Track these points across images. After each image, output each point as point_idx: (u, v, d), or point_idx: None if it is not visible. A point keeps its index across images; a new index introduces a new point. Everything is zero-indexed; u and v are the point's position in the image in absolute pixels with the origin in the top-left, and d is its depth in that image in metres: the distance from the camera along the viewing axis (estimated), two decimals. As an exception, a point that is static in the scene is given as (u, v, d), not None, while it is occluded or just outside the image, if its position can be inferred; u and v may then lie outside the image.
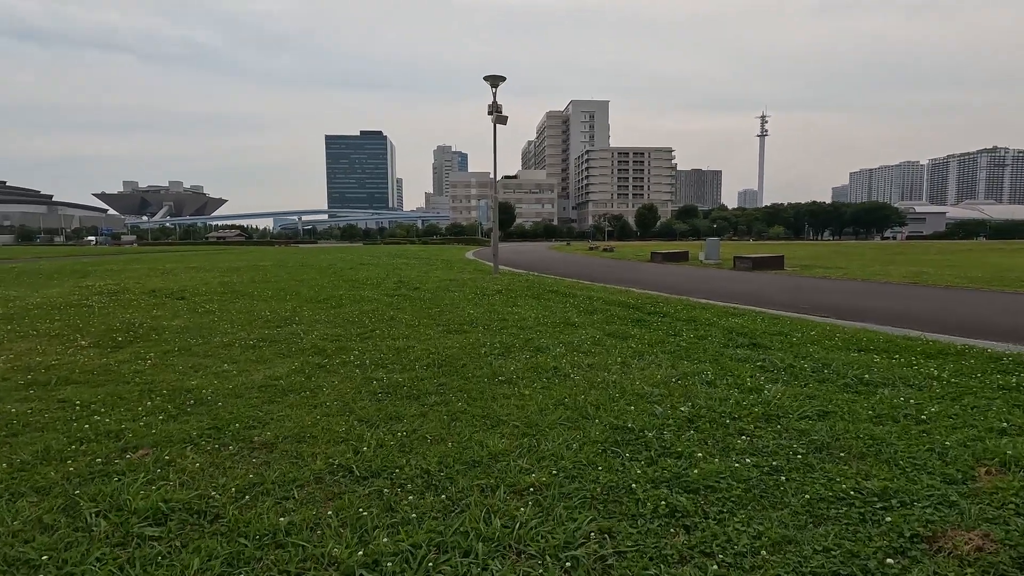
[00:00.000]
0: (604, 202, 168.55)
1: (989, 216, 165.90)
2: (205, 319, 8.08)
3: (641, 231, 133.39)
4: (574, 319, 8.36)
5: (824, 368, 5.41)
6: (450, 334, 7.04)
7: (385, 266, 22.73)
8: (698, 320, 8.51)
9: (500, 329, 7.40)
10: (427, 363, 5.49)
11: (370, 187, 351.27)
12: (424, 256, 34.65)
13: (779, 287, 15.58)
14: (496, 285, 14.17)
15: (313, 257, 33.14)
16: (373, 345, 6.35)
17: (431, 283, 14.28)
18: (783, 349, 6.30)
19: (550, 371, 5.20)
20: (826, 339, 6.99)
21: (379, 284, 13.72)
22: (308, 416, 3.96)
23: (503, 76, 19.07)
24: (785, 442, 3.46)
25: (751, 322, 8.37)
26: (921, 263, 25.38)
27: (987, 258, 29.83)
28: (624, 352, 6.09)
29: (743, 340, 6.81)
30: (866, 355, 6.12)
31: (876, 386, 4.85)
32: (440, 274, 18.41)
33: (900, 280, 16.93)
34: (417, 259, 30.44)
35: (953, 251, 41.28)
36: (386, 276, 16.84)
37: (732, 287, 15.90)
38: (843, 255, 35.25)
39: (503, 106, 19.66)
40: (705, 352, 6.11)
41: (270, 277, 16.21)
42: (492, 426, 3.79)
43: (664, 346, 6.45)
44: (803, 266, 23.35)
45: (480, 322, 7.93)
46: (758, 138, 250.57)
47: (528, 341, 6.59)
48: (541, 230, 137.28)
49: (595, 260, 32.00)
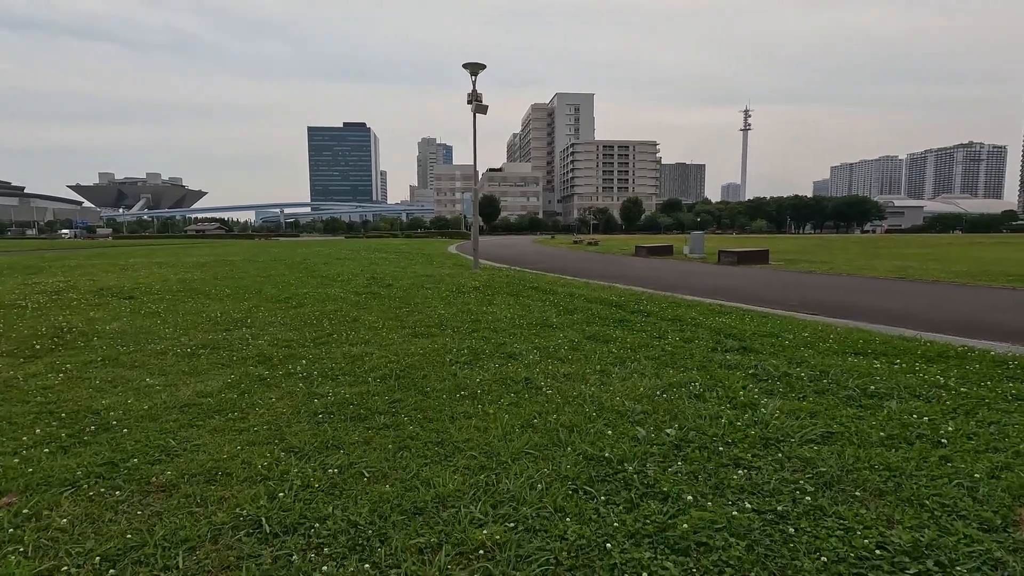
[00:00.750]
0: (589, 195, 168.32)
1: (965, 210, 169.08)
2: (147, 322, 7.35)
3: (626, 224, 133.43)
4: (552, 319, 7.80)
5: (822, 377, 4.92)
6: (415, 338, 6.43)
7: (361, 261, 21.97)
8: (684, 320, 8.01)
9: (471, 332, 6.81)
10: (383, 374, 4.88)
11: (354, 179, 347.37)
12: (405, 250, 33.87)
13: (765, 282, 15.20)
14: (474, 281, 13.57)
15: (289, 251, 32.16)
16: (327, 352, 5.71)
17: (406, 279, 13.63)
18: (776, 353, 5.81)
19: (521, 383, 4.63)
20: (820, 341, 6.52)
21: (350, 281, 13.02)
22: (229, 445, 3.34)
23: (483, 64, 18.37)
24: (789, 475, 2.93)
25: (739, 322, 7.90)
26: (905, 257, 25.30)
27: (968, 252, 29.94)
28: (604, 358, 5.54)
29: (732, 343, 6.31)
30: (865, 360, 5.66)
31: (881, 398, 4.36)
32: (418, 269, 17.74)
33: (886, 275, 16.68)
34: (397, 253, 29.68)
35: (933, 244, 41.58)
36: (360, 272, 16.13)
37: (717, 282, 15.49)
38: (827, 249, 35.21)
39: (483, 95, 18.97)
40: (692, 358, 5.59)
41: (236, 273, 15.40)
42: (446, 456, 3.21)
43: (648, 351, 5.91)
44: (788, 260, 23.08)
45: (450, 324, 7.33)
46: (741, 132, 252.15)
47: (500, 346, 6.01)
48: (526, 223, 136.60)
49: (579, 254, 31.53)
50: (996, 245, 39.48)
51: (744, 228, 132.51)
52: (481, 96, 18.90)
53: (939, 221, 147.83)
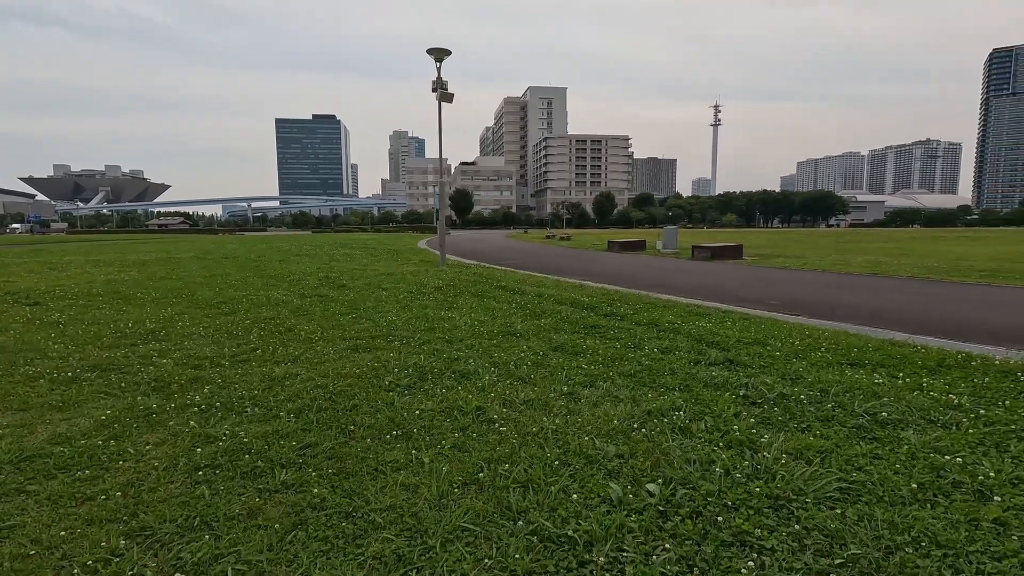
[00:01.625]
0: (562, 189, 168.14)
1: (923, 205, 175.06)
2: (39, 335, 6.26)
3: (599, 219, 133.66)
4: (517, 326, 6.99)
5: (823, 398, 4.23)
6: (355, 353, 5.53)
7: (321, 257, 20.80)
8: (661, 324, 7.31)
9: (423, 343, 5.95)
10: (301, 405, 3.98)
11: (323, 173, 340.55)
12: (372, 245, 32.62)
13: (741, 279, 14.71)
14: (437, 280, 12.68)
15: (247, 247, 30.57)
16: (243, 373, 4.78)
17: (363, 279, 12.64)
18: (766, 368, 5.12)
19: (470, 415, 3.80)
20: (811, 350, 5.88)
21: (300, 280, 11.98)
22: (57, 526, 2.43)
23: (447, 49, 17.38)
24: (812, 561, 2.19)
25: (721, 326, 7.23)
26: (874, 252, 25.35)
27: (933, 246, 30.32)
28: (573, 376, 4.76)
29: (716, 354, 5.60)
30: (864, 373, 5.02)
31: (895, 427, 3.69)
32: (379, 267, 16.73)
33: (861, 271, 16.40)
34: (362, 249, 28.48)
35: (898, 239, 42.31)
36: (316, 270, 15.05)
37: (693, 280, 14.94)
38: (797, 243, 35.33)
39: (451, 83, 18.00)
40: (673, 374, 4.85)
41: (175, 273, 14.14)
42: (354, 538, 2.36)
43: (622, 365, 5.16)
44: (761, 255, 22.80)
45: (400, 333, 6.45)
46: (712, 128, 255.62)
47: (453, 362, 5.16)
48: (500, 217, 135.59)
49: (552, 249, 30.84)
50: (957, 239, 40.35)
51: (715, 222, 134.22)
52: (446, 84, 17.93)
53: (899, 215, 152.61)
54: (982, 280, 13.79)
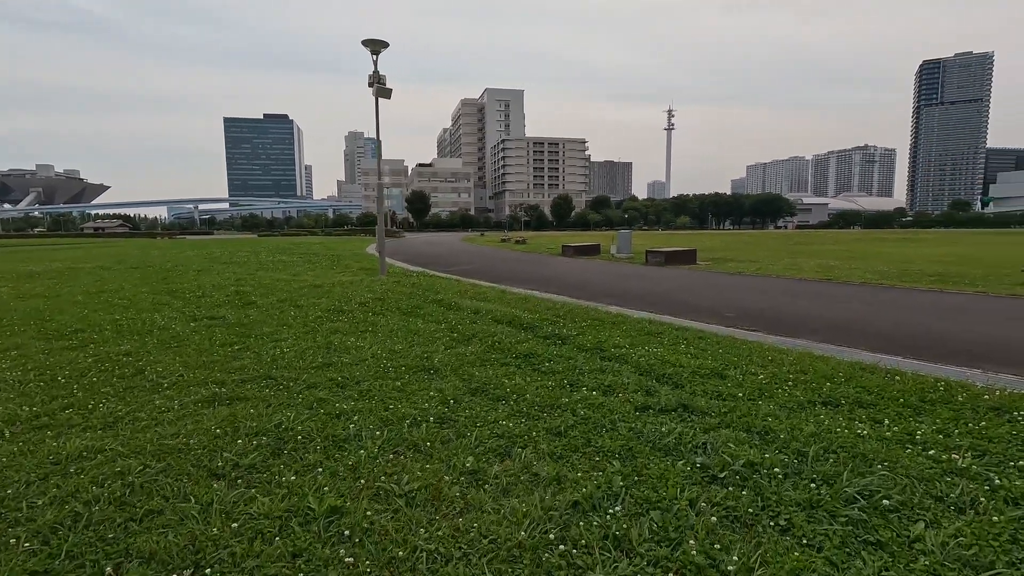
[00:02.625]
0: (521, 192, 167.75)
1: (863, 207, 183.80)
2: None
3: (557, 221, 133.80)
4: (436, 357, 5.84)
5: (801, 466, 3.27)
6: (208, 407, 4.24)
7: (250, 265, 19.03)
8: (607, 349, 6.32)
9: (307, 388, 4.71)
10: (69, 512, 2.70)
11: (276, 174, 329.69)
12: (316, 251, 30.74)
13: (695, 286, 14.02)
14: (369, 293, 11.39)
15: (173, 253, 28.17)
16: (21, 451, 3.43)
17: (282, 293, 11.21)
18: (727, 414, 4.15)
19: (315, 526, 2.62)
20: (777, 384, 4.98)
21: (204, 296, 10.44)
22: None
23: (384, 41, 16.06)
24: None
25: (673, 351, 6.29)
26: (824, 255, 25.45)
27: (878, 248, 30.94)
28: (485, 439, 3.65)
29: (667, 394, 4.61)
30: (842, 418, 4.14)
31: (901, 517, 2.75)
32: (309, 277, 15.24)
33: (813, 276, 16.04)
34: (303, 255, 26.67)
35: (844, 241, 43.38)
36: (235, 281, 13.46)
37: (646, 287, 14.15)
38: (750, 246, 35.54)
39: (395, 80, 16.66)
40: (613, 431, 3.81)
41: (58, 288, 12.25)
42: None
43: (552, 417, 4.09)
44: (715, 259, 22.41)
45: (285, 372, 5.18)
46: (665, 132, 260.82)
47: (332, 420, 3.96)
48: (458, 220, 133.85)
49: (506, 253, 29.81)
50: (899, 242, 41.68)
51: (669, 224, 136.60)
52: (384, 79, 16.58)
53: (842, 217, 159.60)
54: (933, 286, 13.56)
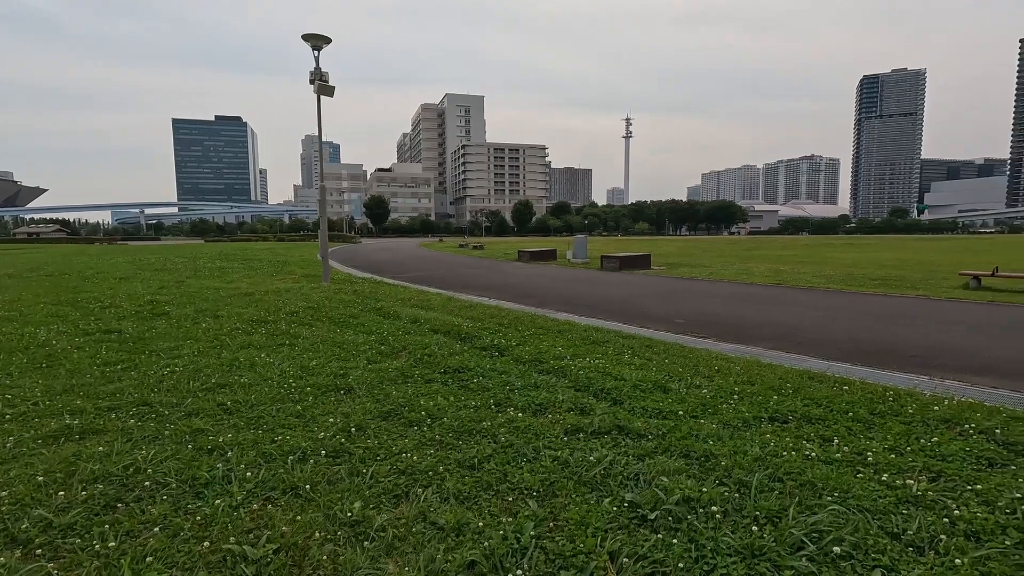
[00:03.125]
0: (482, 197, 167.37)
1: (810, 214, 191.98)
2: None
3: (518, 227, 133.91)
4: (355, 373, 5.22)
5: (743, 501, 2.84)
6: (49, 445, 3.48)
7: (182, 272, 17.78)
8: (546, 361, 5.84)
9: (184, 416, 4.02)
10: None
11: (229, 178, 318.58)
12: (262, 256, 29.33)
13: (648, 292, 13.79)
14: (304, 301, 10.61)
15: (104, 259, 26.25)
16: None
17: (205, 302, 10.29)
18: (666, 438, 3.70)
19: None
20: (722, 398, 4.60)
21: (113, 305, 9.44)
22: None
23: (326, 36, 15.30)
24: None
25: (617, 362, 5.87)
26: (774, 259, 25.92)
27: (826, 253, 31.86)
28: (381, 478, 3.07)
29: (603, 412, 4.16)
30: (789, 436, 3.77)
31: (857, 567, 2.33)
32: (245, 284, 14.26)
33: (764, 281, 16.12)
34: (249, 260, 25.34)
35: (793, 246, 44.69)
36: (156, 289, 12.39)
37: (597, 292, 13.83)
38: (704, 251, 36.08)
39: (329, 74, 15.86)
40: (535, 461, 3.31)
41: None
42: None
43: (468, 446, 3.55)
44: (669, 264, 22.44)
45: (163, 398, 4.44)
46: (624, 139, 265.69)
47: (199, 457, 3.30)
48: (418, 225, 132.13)
49: (461, 259, 29.19)
50: (844, 247, 43.23)
51: (628, 230, 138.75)
52: (326, 76, 15.79)
53: (791, 224, 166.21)
54: (877, 290, 13.76)
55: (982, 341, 7.70)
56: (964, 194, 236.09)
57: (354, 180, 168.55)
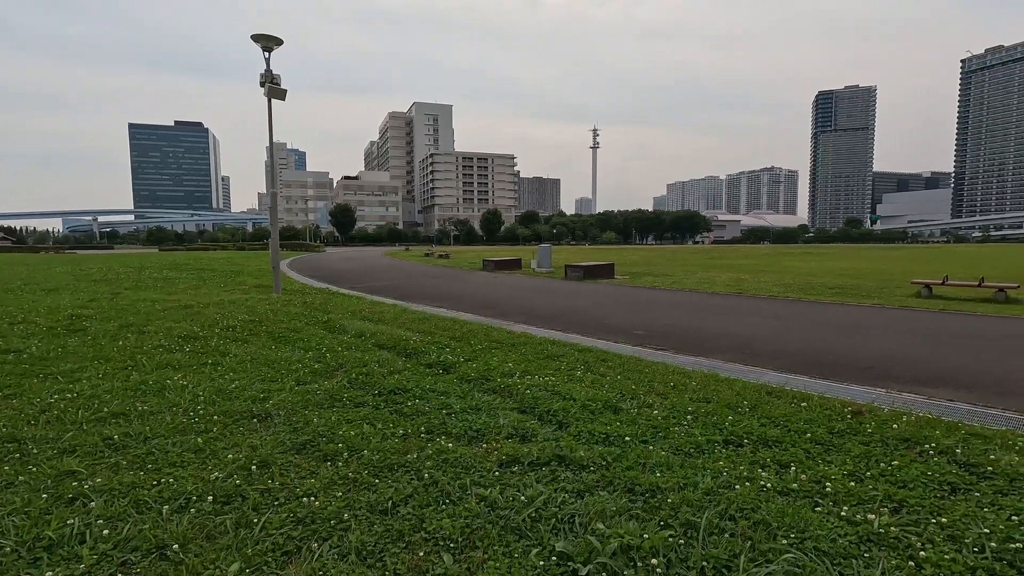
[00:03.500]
0: (450, 206, 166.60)
1: (771, 224, 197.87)
2: None
3: (487, 236, 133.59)
4: (277, 396, 4.71)
5: (690, 549, 2.49)
6: None
7: (122, 283, 16.72)
8: (493, 379, 5.44)
9: (58, 454, 3.45)
10: None
11: (189, 185, 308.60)
12: (218, 266, 28.09)
13: (610, 302, 13.56)
14: (246, 315, 9.95)
15: (40, 269, 24.64)
16: None
17: (139, 314, 9.53)
18: (610, 468, 3.35)
19: None
20: (675, 419, 4.28)
21: (25, 320, 8.60)
22: None
23: (277, 38, 14.68)
24: None
25: (568, 379, 5.52)
26: (736, 268, 26.24)
27: (784, 262, 32.52)
28: (276, 528, 2.60)
29: (544, 440, 3.78)
30: (743, 464, 3.47)
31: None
32: (190, 295, 13.44)
33: (725, 290, 16.13)
34: (198, 271, 24.19)
35: (754, 255, 45.65)
36: (86, 302, 11.49)
37: (560, 302, 13.53)
38: (668, 260, 36.41)
39: (280, 77, 15.22)
40: (459, 502, 2.89)
41: None
42: None
43: (387, 481, 3.11)
44: (633, 274, 22.40)
45: (39, 432, 3.85)
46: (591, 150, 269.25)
47: (56, 509, 2.77)
48: (385, 234, 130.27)
49: (426, 268, 28.61)
50: (803, 256, 44.37)
51: (596, 240, 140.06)
52: (278, 78, 15.15)
53: (752, 233, 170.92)
54: (834, 299, 13.88)
55: (936, 351, 7.68)
56: (913, 205, 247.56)
57: (320, 188, 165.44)
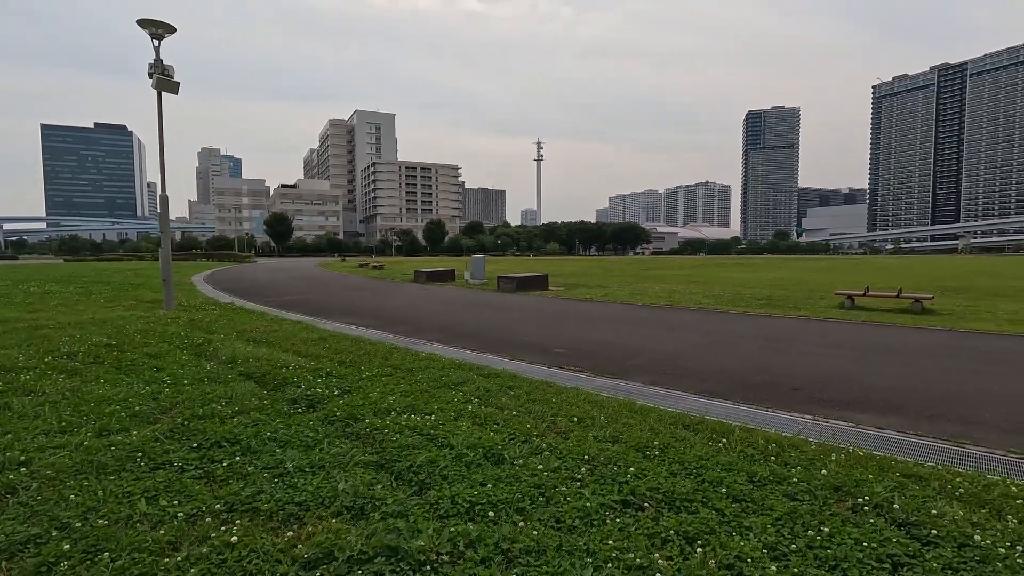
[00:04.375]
0: (393, 216, 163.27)
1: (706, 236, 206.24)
2: None
3: (431, 246, 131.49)
4: (38, 463, 3.52)
5: None
6: None
7: (-19, 300, 14.46)
8: (362, 418, 4.46)
9: None
10: None
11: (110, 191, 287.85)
12: (118, 279, 25.40)
13: (536, 316, 12.78)
14: (110, 336, 8.47)
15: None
16: None
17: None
18: (457, 563, 2.43)
19: None
20: (568, 471, 3.45)
21: None
22: None
23: (169, 24, 13.14)
24: None
25: (453, 418, 4.60)
26: (670, 279, 26.29)
27: (717, 273, 33.13)
28: None
29: (382, 517, 2.84)
30: (643, 542, 2.66)
31: None
32: (55, 313, 11.64)
33: (656, 302, 15.76)
34: (96, 283, 21.72)
35: (689, 266, 46.64)
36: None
37: (484, 316, 12.64)
38: (606, 271, 36.41)
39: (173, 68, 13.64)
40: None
41: None
42: None
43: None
44: (568, 285, 21.87)
45: None
46: (535, 162, 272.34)
47: None
48: (325, 244, 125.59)
49: (355, 280, 27.08)
50: (735, 266, 45.71)
51: (540, 250, 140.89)
52: (170, 70, 13.56)
53: (689, 245, 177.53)
54: (762, 310, 13.72)
55: (862, 367, 7.30)
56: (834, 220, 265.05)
57: (256, 196, 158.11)
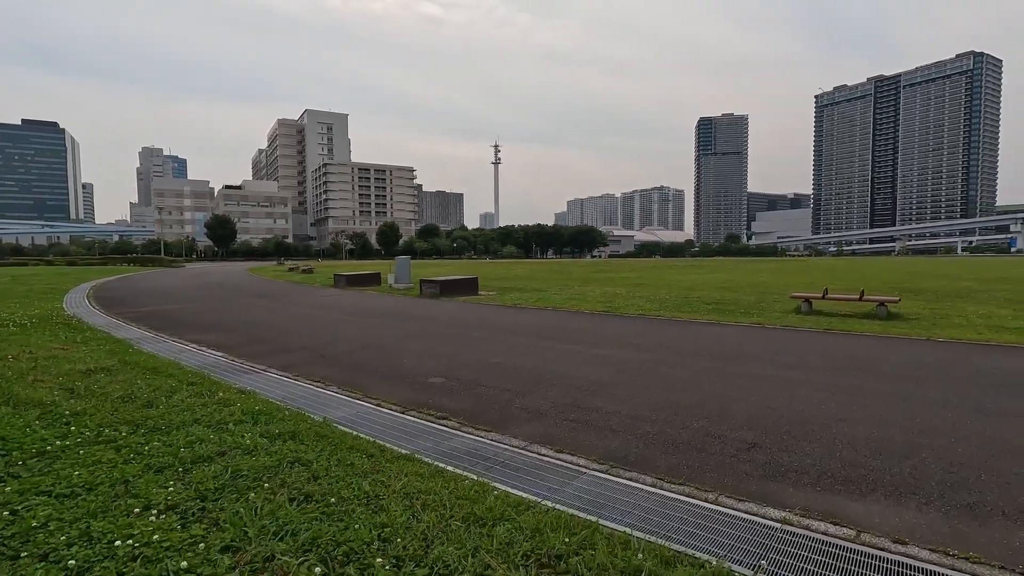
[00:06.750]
0: (346, 219, 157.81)
1: (661, 239, 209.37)
2: None
3: (384, 249, 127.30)
4: None
5: None
6: None
7: None
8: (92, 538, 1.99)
9: None
10: None
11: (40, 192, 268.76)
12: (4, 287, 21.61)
13: (444, 328, 10.46)
14: None
15: None
16: None
17: None
18: None
19: None
20: None
21: None
22: None
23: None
24: None
25: (238, 518, 2.22)
26: (617, 282, 24.51)
27: (667, 275, 31.69)
28: None
29: None
30: None
31: None
32: None
33: (593, 308, 13.74)
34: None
35: (641, 268, 45.41)
36: None
37: (375, 329, 10.18)
38: (554, 273, 34.51)
39: None
40: None
41: None
42: None
43: None
44: (502, 289, 19.66)
45: None
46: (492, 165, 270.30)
47: None
48: (272, 247, 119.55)
49: (270, 285, 24.15)
50: (687, 268, 44.74)
51: (497, 253, 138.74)
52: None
53: (645, 248, 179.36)
54: (711, 316, 11.89)
55: (838, 402, 5.30)
56: (781, 223, 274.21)
57: (199, 198, 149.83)
